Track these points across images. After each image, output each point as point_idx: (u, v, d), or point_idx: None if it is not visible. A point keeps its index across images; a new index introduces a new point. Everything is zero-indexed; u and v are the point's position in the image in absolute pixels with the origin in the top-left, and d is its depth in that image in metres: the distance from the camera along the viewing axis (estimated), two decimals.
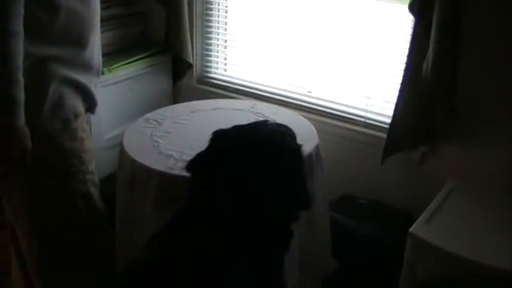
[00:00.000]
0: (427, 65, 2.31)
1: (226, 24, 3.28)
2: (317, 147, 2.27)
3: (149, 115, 2.51)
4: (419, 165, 2.61)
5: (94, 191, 2.09)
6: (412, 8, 2.34)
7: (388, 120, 2.54)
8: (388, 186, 2.69)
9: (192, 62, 3.24)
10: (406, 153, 2.58)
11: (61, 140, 1.91)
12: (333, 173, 2.54)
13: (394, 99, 2.48)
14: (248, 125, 1.69)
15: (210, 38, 3.33)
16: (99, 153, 2.73)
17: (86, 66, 1.98)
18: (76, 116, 1.95)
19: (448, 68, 2.33)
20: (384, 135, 2.56)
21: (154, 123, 2.42)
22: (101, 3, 2.07)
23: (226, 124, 1.79)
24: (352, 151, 2.79)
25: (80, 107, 1.98)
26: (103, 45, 2.15)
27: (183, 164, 1.73)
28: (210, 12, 3.27)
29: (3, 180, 1.97)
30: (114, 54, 3.05)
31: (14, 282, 2.26)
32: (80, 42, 1.94)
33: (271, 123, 1.71)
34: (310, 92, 3.00)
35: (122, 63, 3.01)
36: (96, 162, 2.15)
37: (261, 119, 2.37)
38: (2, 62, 1.66)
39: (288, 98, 3.03)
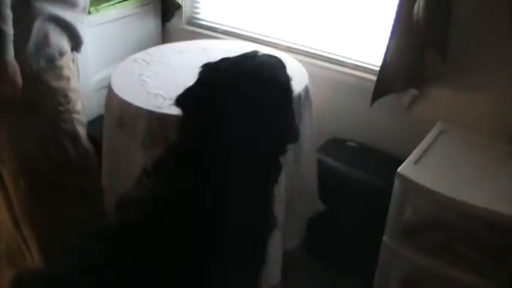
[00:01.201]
0: (419, 7, 2.28)
1: None
2: (306, 88, 2.26)
3: (137, 55, 2.48)
4: (409, 108, 2.61)
5: (81, 131, 2.08)
6: None
7: (379, 63, 2.52)
8: (377, 129, 2.69)
9: (180, 3, 3.19)
10: (396, 96, 2.57)
11: (46, 78, 1.89)
12: (322, 115, 2.54)
13: (385, 41, 2.46)
14: (237, 57, 1.66)
15: None
16: (87, 95, 2.71)
17: (71, 3, 1.94)
18: (61, 53, 1.92)
19: (439, 11, 2.30)
20: (374, 78, 2.54)
21: (142, 62, 2.40)
22: None
23: None
24: (342, 94, 2.77)
25: (65, 45, 1.95)
26: None
27: (171, 103, 1.72)
28: None
29: None
30: None
31: (1, 223, 2.26)
32: None
33: (261, 55, 1.68)
34: (299, 33, 2.95)
35: (110, 3, 2.95)
36: (84, 104, 2.14)
37: None
38: None
39: (278, 40, 2.98)
